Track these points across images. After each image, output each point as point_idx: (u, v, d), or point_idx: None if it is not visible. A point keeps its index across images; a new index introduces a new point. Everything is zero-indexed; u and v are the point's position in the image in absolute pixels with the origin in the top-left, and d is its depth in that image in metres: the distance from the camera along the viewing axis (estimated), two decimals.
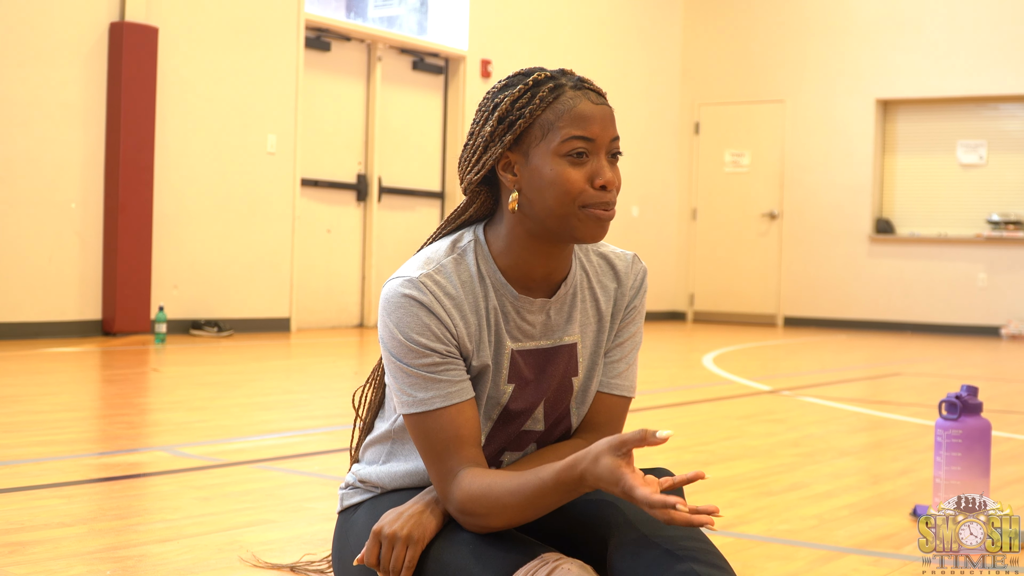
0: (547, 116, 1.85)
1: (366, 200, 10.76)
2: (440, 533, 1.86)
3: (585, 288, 2.00)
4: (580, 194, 1.83)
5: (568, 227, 1.85)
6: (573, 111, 1.84)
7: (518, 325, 1.93)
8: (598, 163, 1.85)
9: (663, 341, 11.09)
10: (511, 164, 1.88)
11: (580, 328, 1.99)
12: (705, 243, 14.37)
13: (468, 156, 1.93)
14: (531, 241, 1.90)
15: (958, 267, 12.90)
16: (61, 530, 2.80)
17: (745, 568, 2.64)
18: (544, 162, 1.84)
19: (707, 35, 14.37)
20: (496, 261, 1.92)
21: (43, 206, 8.26)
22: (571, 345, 1.98)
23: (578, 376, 1.99)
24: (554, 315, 1.96)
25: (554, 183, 1.83)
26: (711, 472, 3.93)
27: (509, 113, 1.87)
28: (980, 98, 12.95)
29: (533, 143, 1.86)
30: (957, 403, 2.94)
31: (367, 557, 1.85)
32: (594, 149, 1.85)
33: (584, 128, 1.84)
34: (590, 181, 1.84)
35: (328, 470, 3.78)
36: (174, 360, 7.39)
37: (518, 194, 1.87)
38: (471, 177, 1.92)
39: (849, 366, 8.93)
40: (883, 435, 5.15)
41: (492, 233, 1.95)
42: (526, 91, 1.87)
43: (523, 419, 1.96)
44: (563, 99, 1.85)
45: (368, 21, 10.98)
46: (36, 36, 8.19)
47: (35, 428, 4.45)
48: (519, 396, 1.94)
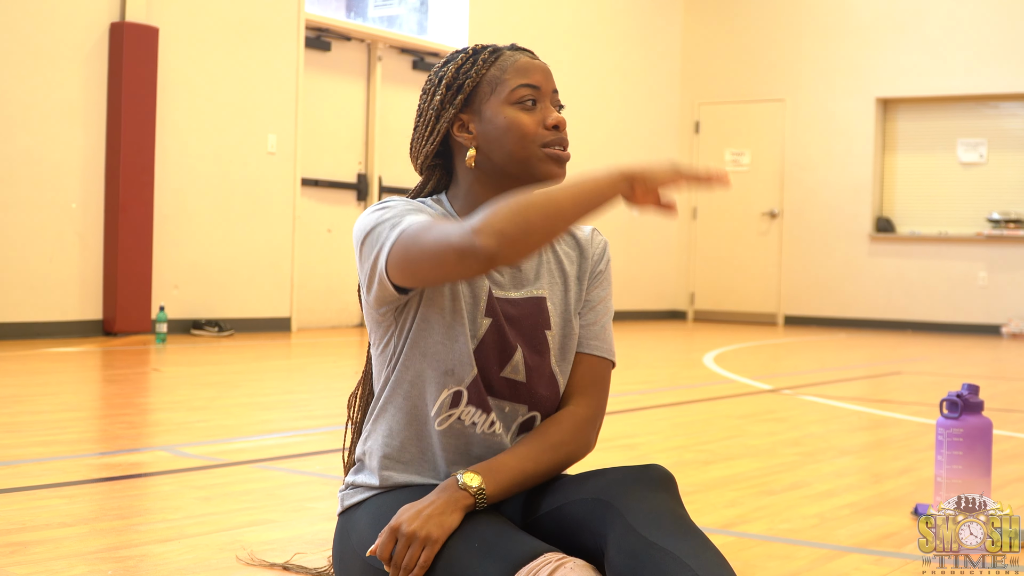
0: (492, 73, 1.99)
1: (366, 200, 10.76)
2: None
3: (549, 250, 2.09)
4: (536, 135, 1.96)
5: (530, 168, 1.97)
6: (516, 64, 1.99)
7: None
8: (546, 107, 1.99)
9: (664, 340, 11.10)
10: (465, 124, 2.01)
11: (548, 285, 2.07)
12: (706, 242, 14.37)
13: (420, 133, 2.04)
14: (492, 196, 1.99)
15: (959, 266, 12.90)
16: (62, 530, 2.80)
17: (746, 567, 2.64)
18: (497, 113, 1.97)
19: (707, 34, 14.37)
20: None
21: (44, 206, 8.26)
22: (540, 298, 2.05)
23: (551, 331, 2.05)
24: (522, 266, 2.05)
25: (510, 129, 1.96)
26: (712, 472, 3.93)
27: (456, 78, 2.00)
28: (980, 96, 12.95)
29: (484, 99, 1.99)
30: (958, 402, 2.94)
31: (380, 551, 1.85)
32: (540, 97, 1.99)
33: (529, 77, 1.98)
34: (542, 124, 1.97)
35: (329, 470, 3.78)
36: (175, 360, 7.40)
37: (475, 151, 1.99)
38: (427, 150, 2.03)
39: (850, 365, 8.93)
40: (884, 434, 5.15)
41: (451, 199, 2.06)
42: (467, 58, 2.02)
43: (500, 359, 1.99)
44: (504, 57, 2.01)
45: (368, 21, 10.98)
46: (37, 36, 8.19)
47: (36, 428, 4.45)
48: (495, 332, 1.99)
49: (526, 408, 2.03)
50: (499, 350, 1.99)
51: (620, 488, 1.85)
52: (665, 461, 4.08)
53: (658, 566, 1.72)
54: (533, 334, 2.03)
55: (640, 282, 13.99)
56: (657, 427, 5.16)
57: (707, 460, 4.16)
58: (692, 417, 5.54)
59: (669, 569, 1.71)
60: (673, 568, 1.71)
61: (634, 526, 1.79)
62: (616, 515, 1.82)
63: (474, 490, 1.88)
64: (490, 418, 2.00)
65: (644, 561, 1.73)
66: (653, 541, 1.75)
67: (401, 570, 1.83)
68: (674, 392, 6.54)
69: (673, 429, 5.12)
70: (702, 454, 4.30)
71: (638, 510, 1.81)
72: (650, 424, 5.23)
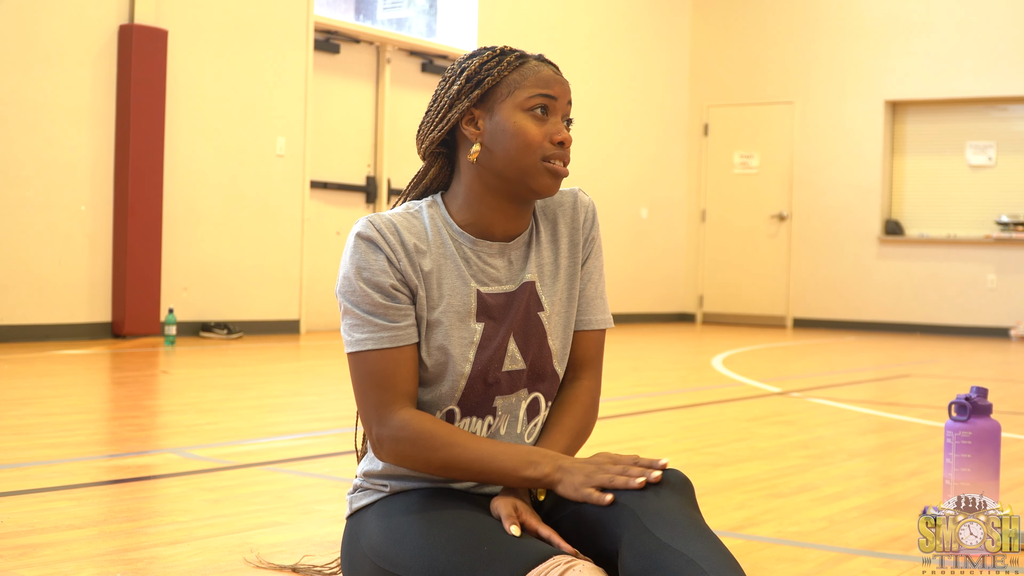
0: (514, 76, 2.01)
1: (375, 202, 10.77)
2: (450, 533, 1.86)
3: (540, 232, 2.11)
4: (540, 147, 1.98)
5: (526, 178, 1.99)
6: (539, 74, 2.01)
7: (482, 269, 2.04)
8: (557, 122, 2.01)
9: (672, 343, 11.09)
10: (475, 119, 2.03)
11: (536, 268, 2.09)
12: (714, 245, 14.37)
13: (431, 118, 2.06)
14: (489, 196, 2.03)
15: (967, 268, 12.88)
16: (71, 532, 2.81)
17: (755, 570, 2.64)
18: (508, 116, 1.99)
19: (716, 36, 14.36)
20: (454, 218, 2.05)
21: (53, 209, 8.28)
22: (529, 283, 2.07)
23: (545, 312, 2.08)
24: (515, 260, 2.07)
25: (516, 135, 1.98)
26: (721, 474, 3.93)
27: (477, 73, 2.02)
28: (989, 99, 12.93)
29: (499, 100, 2.00)
30: (967, 404, 2.94)
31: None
32: (554, 109, 2.01)
33: (548, 88, 2.00)
34: (549, 137, 1.99)
35: (338, 472, 3.78)
36: (184, 362, 7.40)
37: (480, 147, 2.01)
38: (434, 135, 2.05)
39: (858, 367, 8.92)
40: (893, 437, 5.14)
41: (449, 197, 2.08)
42: (494, 56, 2.04)
43: (499, 356, 2.02)
44: (528, 65, 2.02)
45: (377, 23, 10.99)
46: (46, 39, 8.21)
47: (45, 431, 4.46)
48: (490, 335, 2.02)
49: (526, 391, 2.07)
50: (497, 347, 2.02)
51: (637, 491, 1.85)
52: (674, 464, 4.07)
53: (670, 567, 1.72)
54: (527, 319, 2.06)
55: (649, 285, 13.99)
56: (666, 430, 5.16)
57: (716, 463, 4.16)
58: (701, 420, 5.54)
59: (681, 570, 1.71)
60: (685, 570, 1.71)
61: (648, 527, 1.79)
62: (631, 517, 1.82)
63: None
64: (487, 422, 2.04)
65: (656, 562, 1.74)
66: (666, 543, 1.76)
67: (636, 468, 1.87)
68: (683, 395, 6.53)
69: (682, 432, 5.12)
70: (711, 457, 4.29)
71: (653, 512, 1.81)
72: (659, 427, 5.23)
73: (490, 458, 1.91)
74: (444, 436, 1.93)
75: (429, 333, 2.00)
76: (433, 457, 1.93)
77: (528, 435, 2.08)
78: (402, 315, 1.97)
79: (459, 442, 1.93)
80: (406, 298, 1.98)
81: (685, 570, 1.71)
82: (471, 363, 2.00)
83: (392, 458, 1.97)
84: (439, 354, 1.99)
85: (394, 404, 1.96)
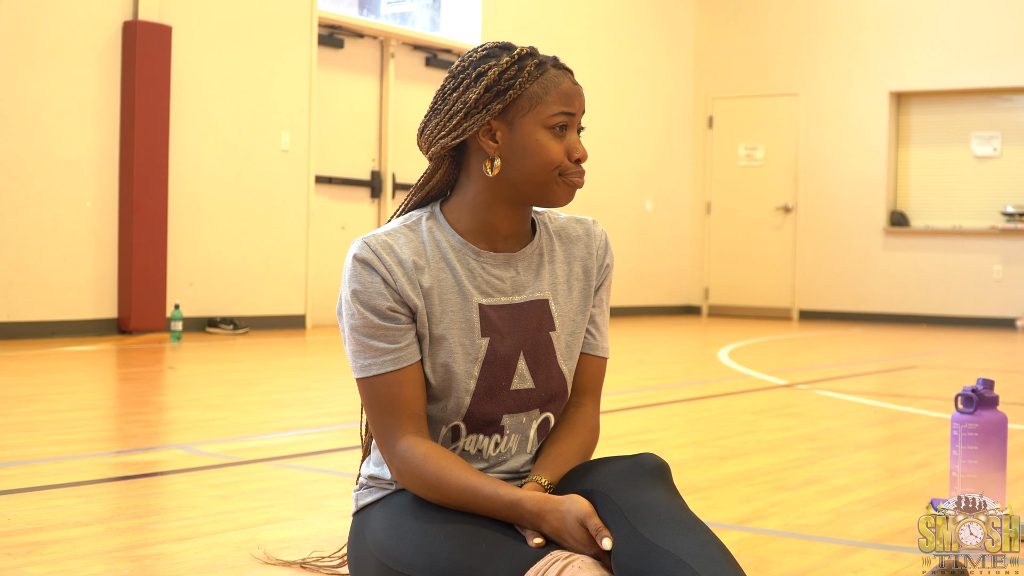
0: (535, 89, 1.96)
1: (380, 197, 10.77)
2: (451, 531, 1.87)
3: (554, 250, 2.10)
4: (559, 164, 1.97)
5: (544, 192, 1.99)
6: (560, 88, 1.97)
7: (486, 280, 2.02)
8: (573, 137, 1.99)
9: (678, 335, 11.09)
10: (493, 131, 1.98)
11: (550, 287, 2.07)
12: (719, 237, 14.36)
13: (443, 120, 2.01)
14: (497, 204, 2.01)
15: (973, 259, 12.87)
16: (79, 529, 2.81)
17: (762, 563, 2.64)
18: (530, 132, 1.96)
19: (720, 28, 14.34)
20: (455, 227, 2.03)
21: (58, 205, 8.28)
22: (542, 301, 2.06)
23: (556, 332, 2.06)
24: (522, 271, 2.05)
25: (537, 153, 1.96)
26: (727, 467, 3.93)
27: (497, 83, 1.96)
28: (994, 90, 12.91)
29: (519, 113, 1.96)
30: (973, 396, 2.93)
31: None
32: (572, 124, 1.99)
33: (570, 104, 1.97)
34: (567, 154, 1.97)
35: (344, 467, 3.78)
36: (190, 358, 7.41)
37: (500, 161, 1.98)
38: (445, 141, 2.01)
39: (864, 359, 8.91)
40: (899, 429, 5.14)
41: (450, 205, 2.05)
42: (512, 64, 1.97)
43: (507, 374, 2.01)
44: (549, 76, 1.98)
45: (381, 18, 10.98)
46: (50, 35, 8.21)
47: (52, 427, 4.46)
48: (497, 349, 2.00)
49: (538, 411, 2.06)
50: (503, 364, 2.01)
51: (615, 480, 1.86)
52: (680, 457, 4.08)
53: (661, 570, 1.71)
54: (537, 337, 2.04)
55: (654, 277, 13.99)
56: (672, 423, 5.16)
57: (722, 456, 4.16)
58: (707, 412, 5.54)
59: (671, 572, 1.70)
60: (675, 571, 1.69)
61: (635, 526, 1.78)
62: (614, 510, 1.81)
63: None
64: (494, 440, 2.03)
65: (647, 566, 1.72)
66: (655, 543, 1.74)
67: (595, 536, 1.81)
68: (689, 388, 6.53)
69: (688, 425, 5.12)
70: (717, 449, 4.29)
71: (636, 505, 1.80)
72: (665, 420, 5.23)
73: (474, 507, 1.90)
74: (432, 477, 1.91)
75: (433, 349, 1.98)
76: (427, 495, 1.94)
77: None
78: (402, 335, 1.97)
79: (446, 483, 1.91)
80: (405, 318, 1.97)
81: (676, 571, 1.69)
82: (476, 379, 1.99)
83: (400, 483, 1.99)
84: (443, 371, 1.98)
85: (397, 430, 1.95)
